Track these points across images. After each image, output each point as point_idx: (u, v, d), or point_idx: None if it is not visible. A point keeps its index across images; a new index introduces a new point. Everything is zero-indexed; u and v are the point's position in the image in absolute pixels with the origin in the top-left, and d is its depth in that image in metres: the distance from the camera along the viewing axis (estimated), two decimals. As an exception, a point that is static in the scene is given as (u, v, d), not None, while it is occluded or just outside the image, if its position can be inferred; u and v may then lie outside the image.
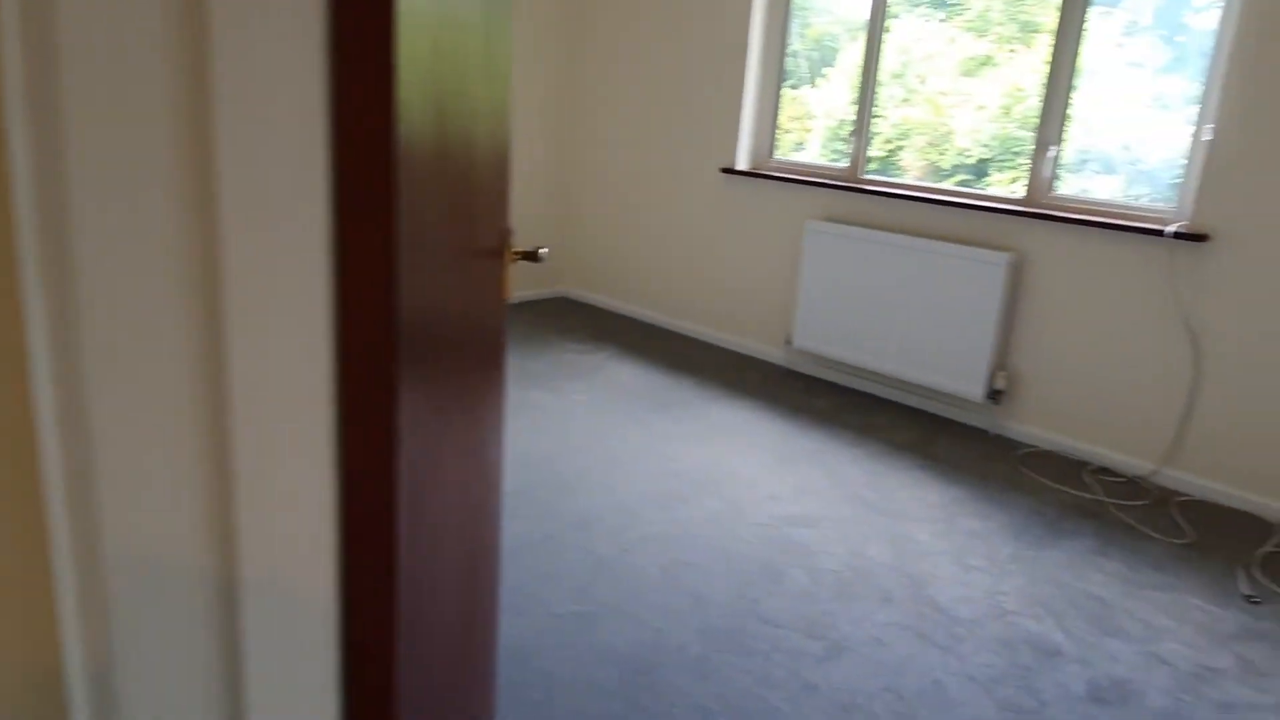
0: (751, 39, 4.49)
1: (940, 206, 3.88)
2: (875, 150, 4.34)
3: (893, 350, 4.03)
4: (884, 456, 3.52)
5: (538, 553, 2.63)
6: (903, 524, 2.97)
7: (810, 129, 4.71)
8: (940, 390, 3.92)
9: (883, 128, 4.33)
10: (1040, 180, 3.71)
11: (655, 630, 2.30)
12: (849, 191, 4.20)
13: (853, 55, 4.38)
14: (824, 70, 4.60)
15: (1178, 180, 3.41)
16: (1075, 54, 3.58)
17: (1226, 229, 3.19)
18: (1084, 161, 3.78)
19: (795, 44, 4.57)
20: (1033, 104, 3.76)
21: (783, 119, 4.67)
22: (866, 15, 4.17)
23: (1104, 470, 3.53)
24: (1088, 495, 3.29)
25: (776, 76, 4.58)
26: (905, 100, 4.33)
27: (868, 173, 4.31)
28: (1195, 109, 3.31)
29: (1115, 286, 3.46)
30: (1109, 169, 3.79)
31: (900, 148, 4.38)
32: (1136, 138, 3.67)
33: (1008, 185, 3.94)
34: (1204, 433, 3.32)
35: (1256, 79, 3.06)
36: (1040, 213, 3.58)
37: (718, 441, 3.54)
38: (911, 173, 4.37)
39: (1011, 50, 4.00)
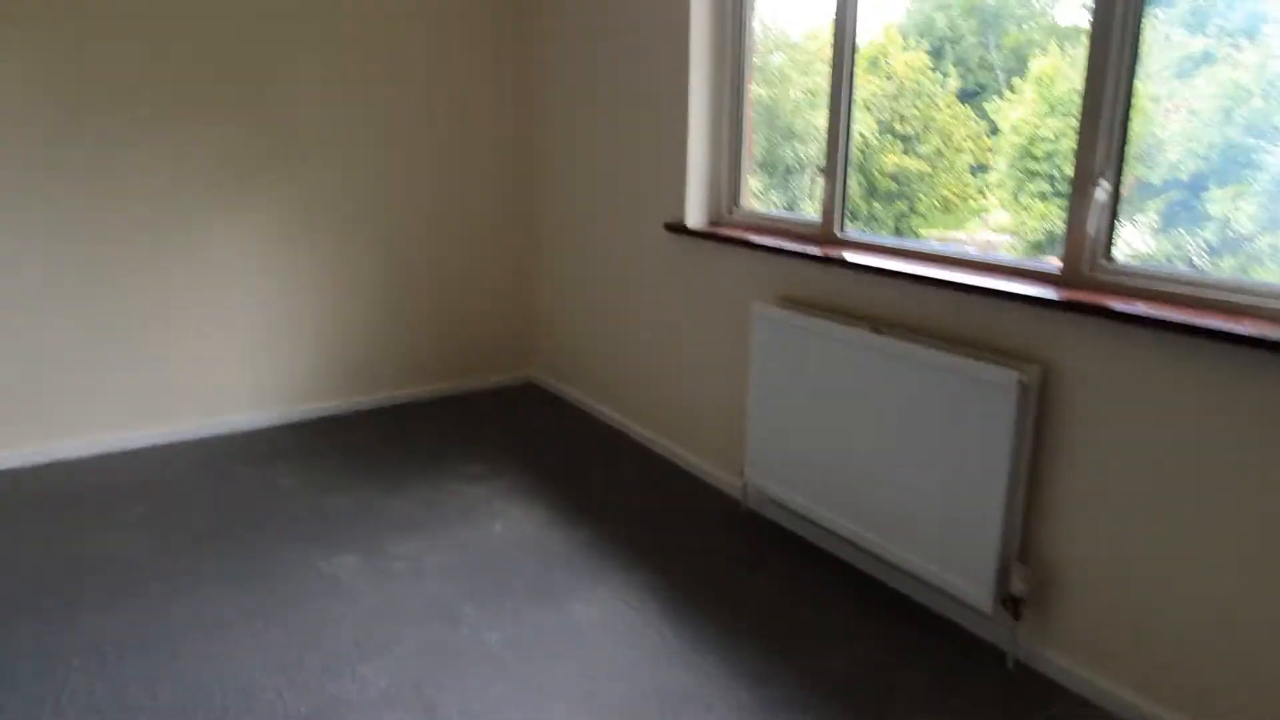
0: (693, 51, 3.19)
1: (938, 289, 2.41)
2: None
3: (869, 510, 2.59)
4: (805, 714, 2.11)
5: None
6: None
7: (991, 148, 3.33)
8: (932, 583, 2.44)
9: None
10: (1081, 242, 2.19)
11: None
12: (816, 262, 2.80)
13: (1049, 63, 3.05)
14: (1014, 81, 3.26)
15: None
16: (1134, 37, 2.06)
17: None
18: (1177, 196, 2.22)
19: (991, 54, 3.31)
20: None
21: (958, 137, 3.35)
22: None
23: (1195, 775, 1.94)
24: None
25: (734, 98, 3.25)
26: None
27: (843, 230, 2.90)
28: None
29: (1213, 434, 1.89)
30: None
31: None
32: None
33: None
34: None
35: None
36: (1080, 301, 2.07)
37: (532, 670, 2.27)
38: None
39: (1234, 45, 2.52)
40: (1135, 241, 2.60)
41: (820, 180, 2.91)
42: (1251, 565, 1.85)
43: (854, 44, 2.78)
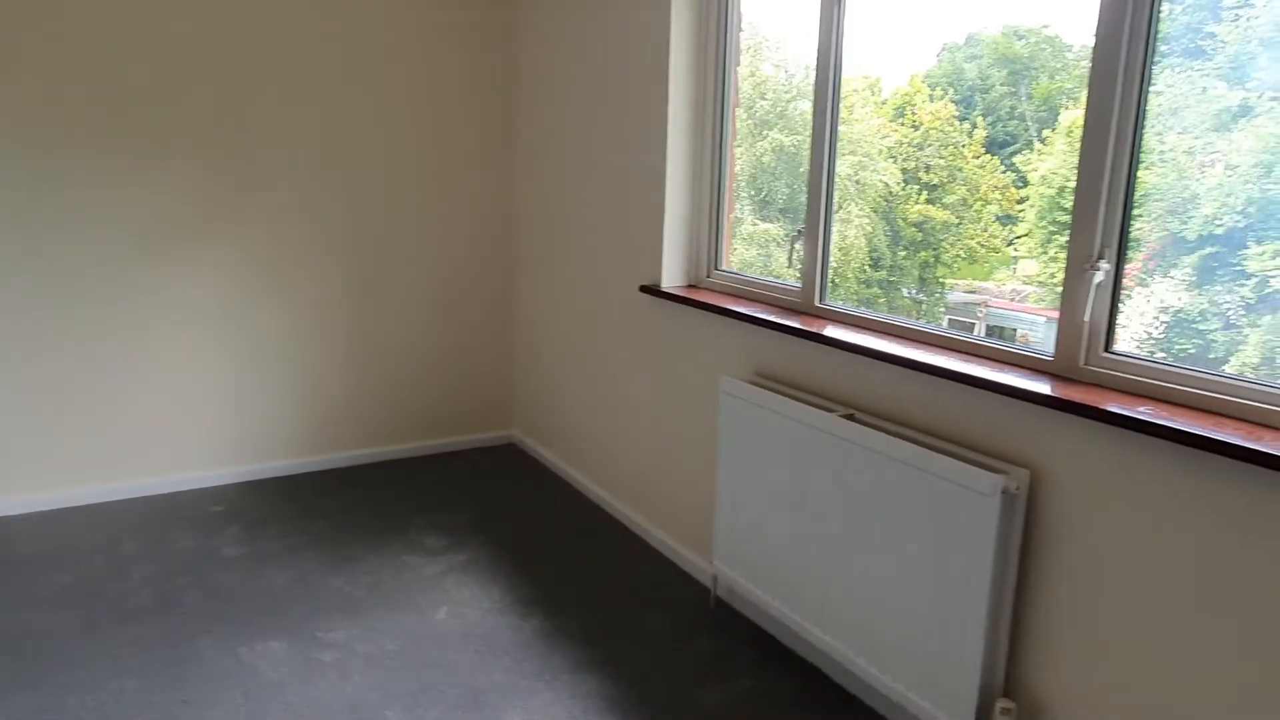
0: (671, 108, 2.98)
1: (919, 374, 2.14)
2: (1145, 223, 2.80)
3: (840, 620, 2.31)
4: None
5: None
6: None
7: (1020, 199, 3.14)
8: (908, 709, 2.14)
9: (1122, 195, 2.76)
10: (1076, 332, 1.92)
11: None
12: (787, 334, 2.55)
13: (1080, 114, 2.90)
14: (1044, 132, 3.09)
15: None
16: (1138, 102, 1.81)
17: None
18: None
19: (1022, 104, 3.15)
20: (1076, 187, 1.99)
21: (985, 187, 3.19)
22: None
23: None
24: None
25: (715, 154, 3.03)
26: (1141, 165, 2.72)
27: (824, 300, 2.64)
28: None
29: (1225, 561, 1.60)
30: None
31: (1138, 215, 2.76)
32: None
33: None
34: None
35: None
36: (1072, 400, 1.79)
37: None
38: (1148, 246, 2.73)
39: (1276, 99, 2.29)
40: (1168, 298, 2.36)
41: (800, 245, 2.67)
42: (1255, 705, 1.54)
43: (836, 100, 2.55)
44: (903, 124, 3.47)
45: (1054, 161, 2.99)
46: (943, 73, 3.51)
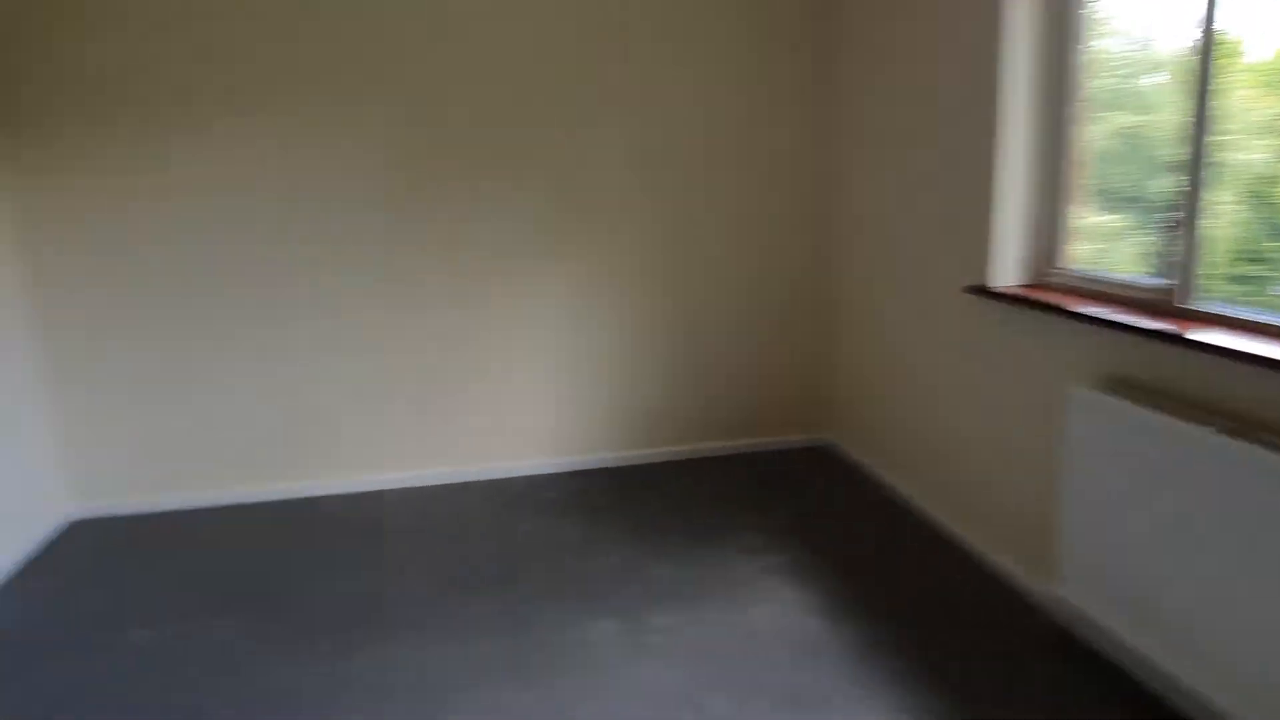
0: (1001, 94, 2.79)
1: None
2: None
3: (1222, 664, 2.02)
4: None
5: None
6: None
7: None
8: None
9: None
10: None
11: None
12: (1161, 341, 2.27)
13: None
14: None
15: None
16: None
17: None
18: None
19: None
20: None
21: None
22: None
23: None
24: None
25: (1054, 141, 2.79)
26: None
27: (1208, 297, 2.33)
28: None
29: None
30: None
31: None
32: None
33: None
34: None
35: None
36: None
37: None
38: None
39: None
40: None
41: (1170, 234, 2.38)
42: None
43: (1209, 65, 2.25)
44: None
45: None
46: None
